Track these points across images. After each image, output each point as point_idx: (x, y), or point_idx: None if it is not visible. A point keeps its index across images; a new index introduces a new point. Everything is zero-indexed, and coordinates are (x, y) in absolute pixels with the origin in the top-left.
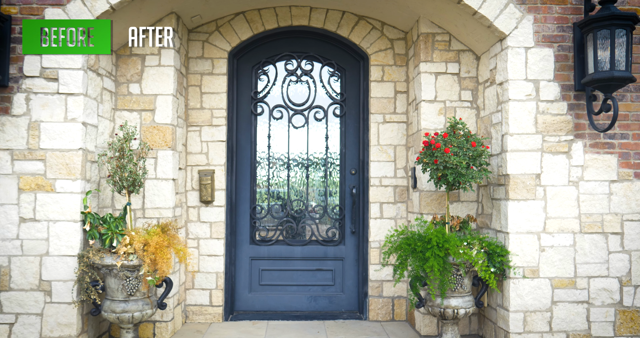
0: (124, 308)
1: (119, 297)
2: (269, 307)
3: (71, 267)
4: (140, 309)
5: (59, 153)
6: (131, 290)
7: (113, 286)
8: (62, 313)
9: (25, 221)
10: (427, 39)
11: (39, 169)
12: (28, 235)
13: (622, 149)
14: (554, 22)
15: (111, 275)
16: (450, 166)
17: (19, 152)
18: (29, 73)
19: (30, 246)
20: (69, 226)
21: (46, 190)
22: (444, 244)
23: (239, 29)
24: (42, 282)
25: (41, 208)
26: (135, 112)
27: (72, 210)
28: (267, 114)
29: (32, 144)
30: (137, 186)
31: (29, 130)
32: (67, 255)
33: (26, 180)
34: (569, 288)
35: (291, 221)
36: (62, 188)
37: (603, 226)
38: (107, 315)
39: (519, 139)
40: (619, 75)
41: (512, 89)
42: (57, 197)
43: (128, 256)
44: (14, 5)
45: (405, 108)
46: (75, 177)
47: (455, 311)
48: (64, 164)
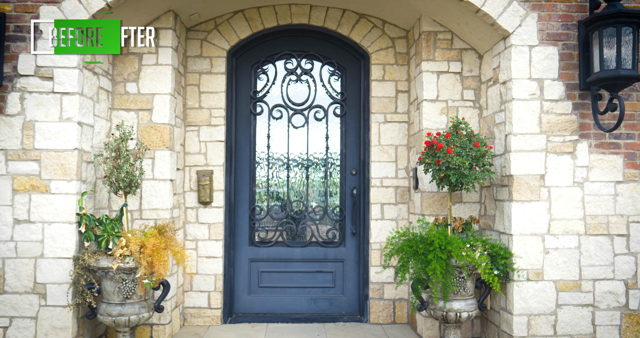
0: (120, 311)
1: (115, 300)
2: (268, 309)
3: (66, 270)
4: (137, 312)
5: (54, 153)
6: (127, 293)
7: (109, 289)
8: (57, 316)
9: (19, 223)
10: (428, 38)
11: (33, 169)
12: (22, 237)
13: (627, 149)
14: (559, 19)
15: (107, 278)
16: (453, 167)
17: (13, 152)
18: (23, 72)
19: (24, 248)
20: (64, 228)
21: (41, 191)
22: (447, 246)
23: (237, 28)
24: (36, 285)
25: (36, 210)
26: (132, 111)
27: (67, 212)
28: (266, 114)
29: (27, 145)
30: (134, 187)
31: (23, 130)
32: (62, 257)
33: (20, 181)
34: (573, 291)
35: (291, 222)
36: (57, 189)
37: (608, 228)
38: (103, 318)
39: (523, 139)
40: (625, 74)
41: (516, 88)
42: (52, 198)
43: (124, 259)
44: (8, 3)
45: (407, 108)
46: (71, 178)
47: (457, 314)
48: (59, 165)
